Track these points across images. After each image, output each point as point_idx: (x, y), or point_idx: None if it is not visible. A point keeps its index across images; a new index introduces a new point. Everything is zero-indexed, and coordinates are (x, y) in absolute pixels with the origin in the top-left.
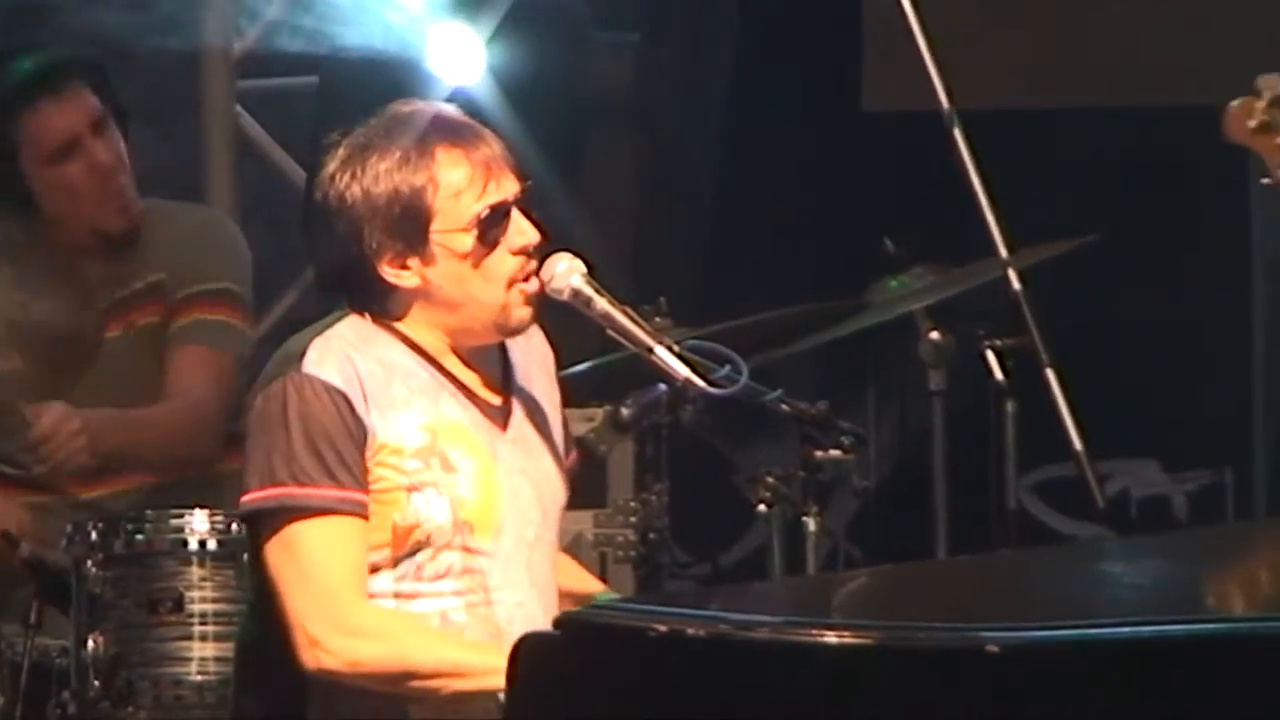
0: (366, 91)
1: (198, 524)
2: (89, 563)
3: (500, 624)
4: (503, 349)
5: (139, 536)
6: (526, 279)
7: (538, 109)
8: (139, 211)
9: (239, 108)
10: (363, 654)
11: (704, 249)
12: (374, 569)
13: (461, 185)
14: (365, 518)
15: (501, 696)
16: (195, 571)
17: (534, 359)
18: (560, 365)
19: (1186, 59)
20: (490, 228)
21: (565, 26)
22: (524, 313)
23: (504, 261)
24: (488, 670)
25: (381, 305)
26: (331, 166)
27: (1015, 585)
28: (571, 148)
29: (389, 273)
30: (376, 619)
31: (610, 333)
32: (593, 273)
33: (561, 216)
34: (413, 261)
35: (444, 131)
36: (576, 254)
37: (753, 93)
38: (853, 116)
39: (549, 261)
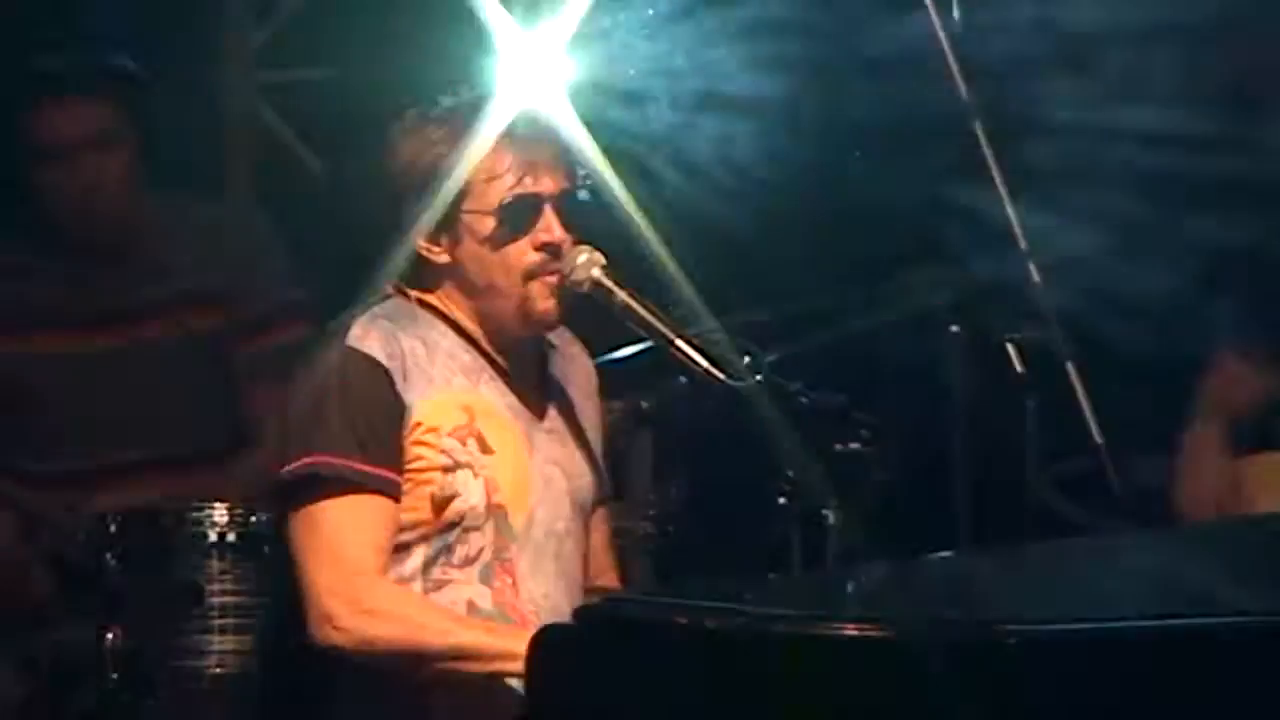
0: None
1: (217, 517)
2: (109, 556)
3: (525, 614)
4: (541, 354)
5: (158, 530)
6: (550, 275)
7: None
8: (125, 226)
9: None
10: (375, 633)
11: (724, 241)
12: (405, 546)
13: (498, 171)
14: (395, 498)
15: (513, 683)
16: (215, 565)
17: (576, 365)
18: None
19: None
20: (515, 217)
21: None
22: (548, 305)
23: (524, 254)
24: (500, 654)
25: (418, 277)
26: (398, 131)
27: (1034, 578)
28: None
29: (422, 245)
30: (391, 599)
31: (630, 325)
32: (613, 265)
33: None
34: (443, 238)
35: (499, 119)
36: (596, 247)
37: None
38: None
39: (569, 255)
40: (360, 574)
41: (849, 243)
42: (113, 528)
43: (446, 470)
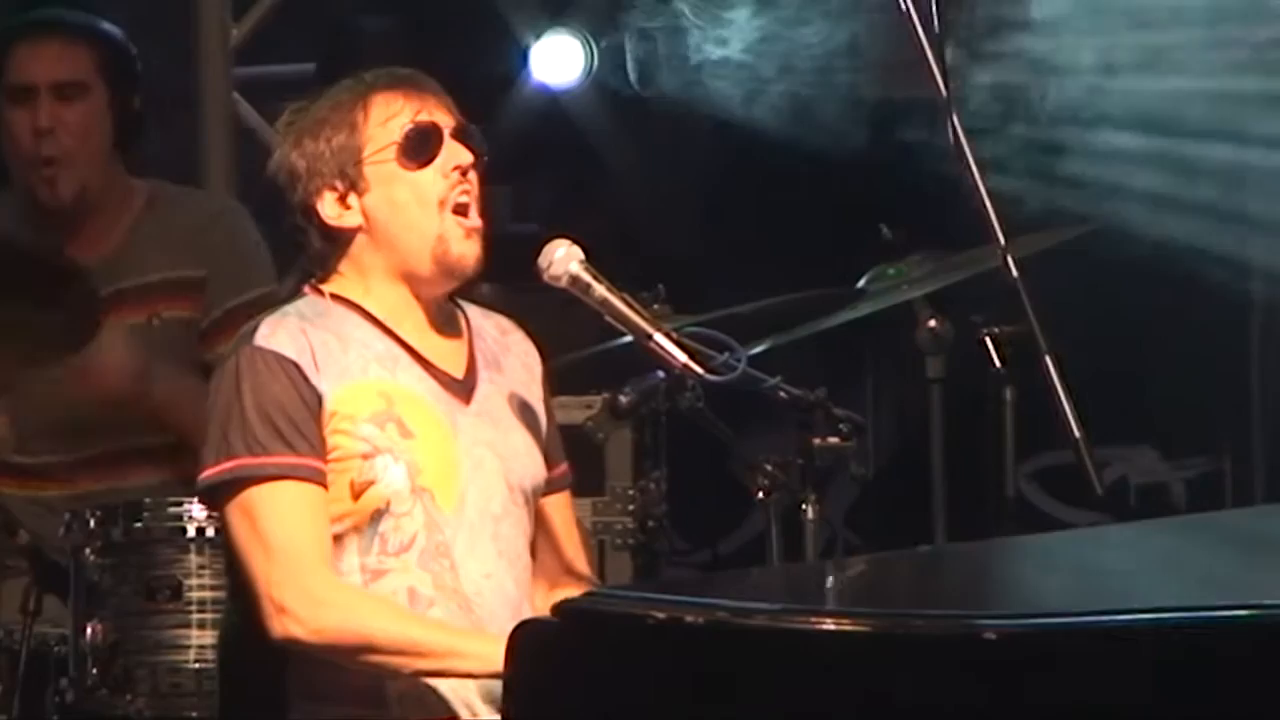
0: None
1: (196, 511)
2: (87, 550)
3: (468, 595)
4: (469, 330)
5: (137, 524)
6: (464, 210)
7: None
8: (70, 195)
9: (236, 95)
10: (327, 622)
11: (702, 236)
12: (337, 539)
13: (393, 112)
14: (324, 485)
15: (468, 682)
16: (193, 559)
17: (512, 352)
18: (558, 352)
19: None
20: (417, 144)
21: None
22: (465, 247)
23: (436, 181)
24: (450, 652)
25: (334, 258)
26: (281, 132)
27: (1013, 572)
28: None
29: (330, 216)
30: (341, 589)
31: (608, 319)
32: (590, 259)
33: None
34: (352, 199)
35: (382, 78)
36: (575, 240)
37: (756, 82)
38: (850, 102)
39: (547, 248)
40: (305, 562)
41: (825, 235)
42: (91, 522)
43: (366, 457)
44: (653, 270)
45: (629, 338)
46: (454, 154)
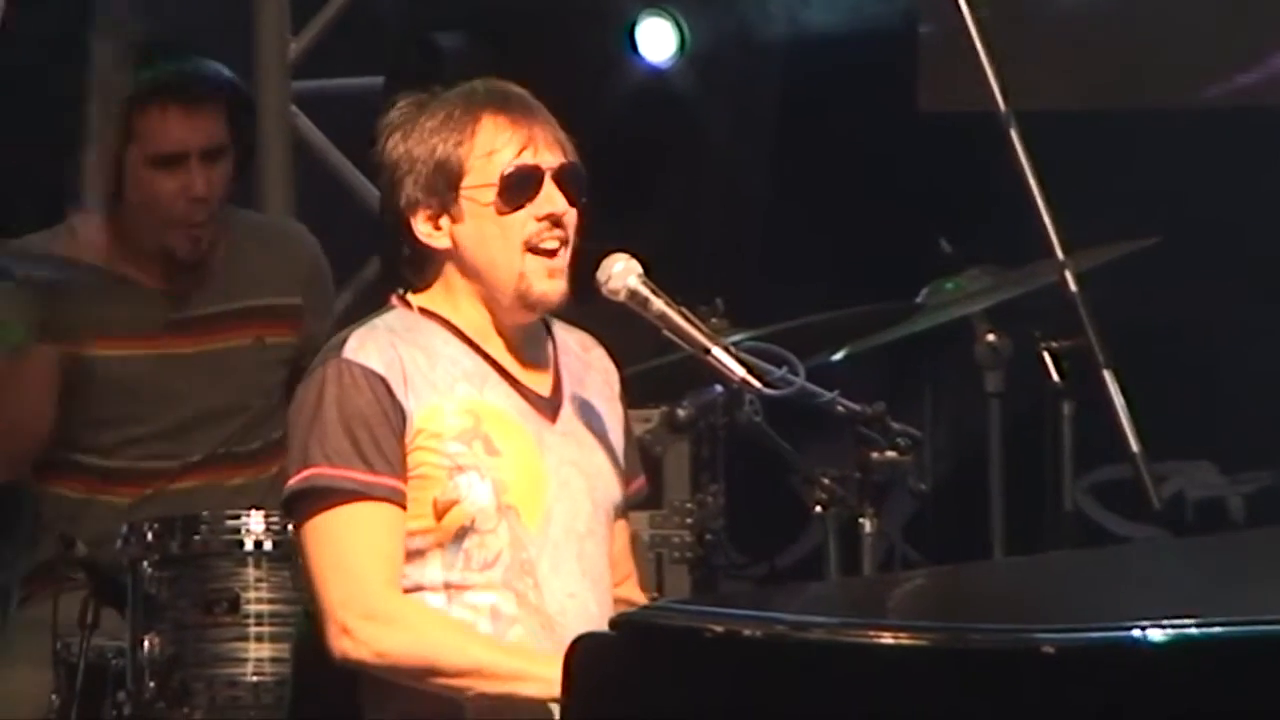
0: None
1: (254, 525)
2: (145, 563)
3: (551, 615)
4: (553, 348)
5: (195, 537)
6: (551, 254)
7: None
8: (210, 244)
9: (295, 109)
10: (389, 644)
11: (761, 250)
12: (420, 554)
13: (497, 146)
14: (401, 505)
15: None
16: (251, 572)
17: (594, 370)
18: (617, 365)
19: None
20: (515, 187)
21: None
22: (546, 285)
23: (525, 224)
24: (515, 675)
25: (420, 272)
26: (387, 126)
27: (1071, 586)
28: None
29: (422, 231)
30: (405, 610)
31: (666, 333)
32: (649, 273)
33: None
34: (444, 221)
35: (495, 99)
36: (633, 254)
37: (806, 93)
38: (909, 117)
39: (605, 262)
40: (370, 583)
41: (885, 250)
42: (149, 535)
43: (451, 474)
44: (712, 283)
45: (687, 351)
46: (549, 200)
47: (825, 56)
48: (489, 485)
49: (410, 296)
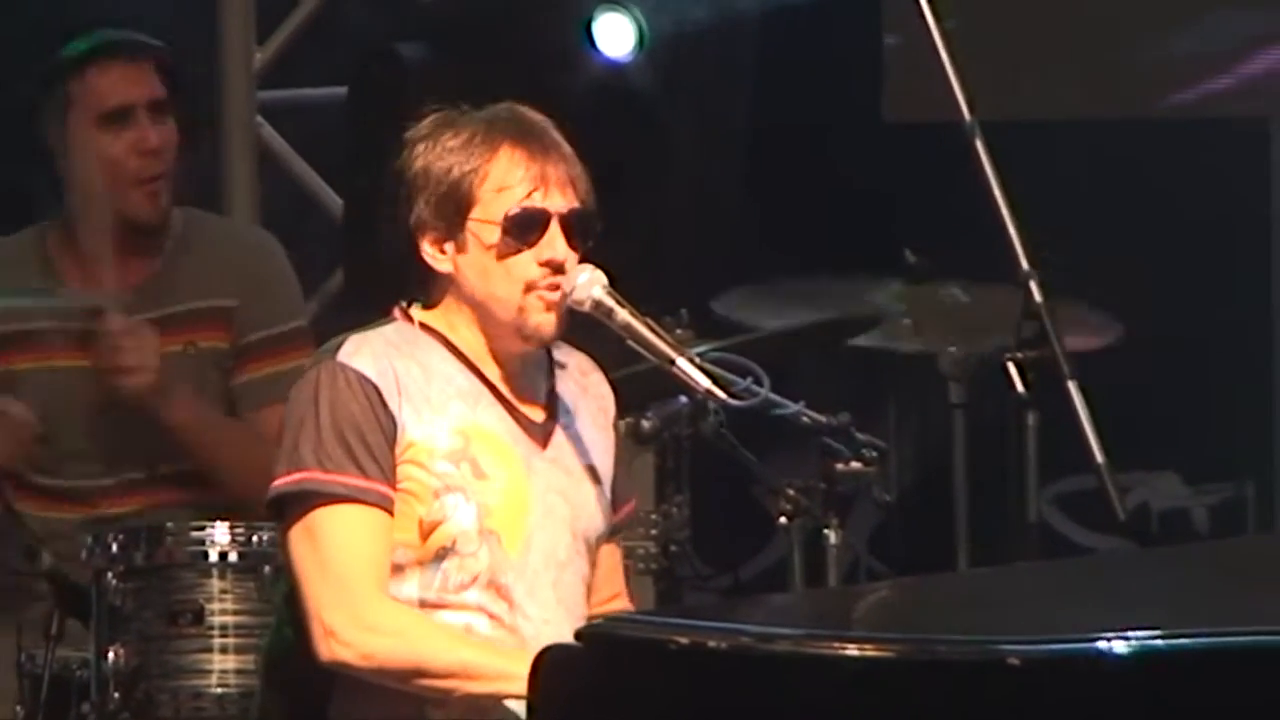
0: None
1: (218, 536)
2: (109, 575)
3: (526, 638)
4: (550, 373)
5: (160, 548)
6: (551, 289)
7: None
8: (167, 210)
9: (260, 118)
10: (377, 648)
11: (725, 261)
12: (399, 570)
13: (509, 183)
14: (389, 511)
15: (512, 704)
16: (216, 584)
17: (590, 396)
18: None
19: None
20: (520, 229)
21: None
22: (543, 319)
23: (528, 267)
24: (501, 674)
25: (423, 290)
26: (415, 135)
27: (1036, 598)
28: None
29: (428, 252)
30: (393, 614)
31: (631, 344)
32: (614, 284)
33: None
34: (449, 246)
35: (516, 130)
36: (598, 265)
37: (774, 104)
38: (873, 127)
39: (570, 273)
40: (358, 587)
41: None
42: (114, 546)
43: (438, 494)
44: (676, 295)
45: (652, 362)
46: (552, 245)
47: (793, 50)
48: (473, 508)
49: (414, 311)
